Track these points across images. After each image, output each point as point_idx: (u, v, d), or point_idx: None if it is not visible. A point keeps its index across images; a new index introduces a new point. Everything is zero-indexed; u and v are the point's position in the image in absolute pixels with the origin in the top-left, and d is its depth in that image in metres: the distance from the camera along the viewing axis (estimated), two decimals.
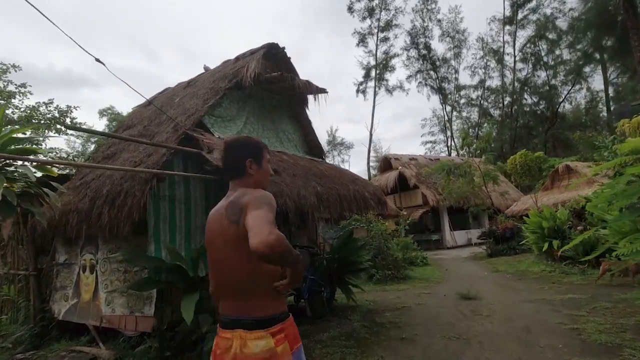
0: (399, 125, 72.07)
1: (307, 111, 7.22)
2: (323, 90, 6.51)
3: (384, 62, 36.57)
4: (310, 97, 6.92)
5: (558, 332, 4.32)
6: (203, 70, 7.70)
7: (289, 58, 6.63)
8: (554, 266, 8.95)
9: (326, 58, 67.58)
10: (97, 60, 2.96)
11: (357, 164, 79.90)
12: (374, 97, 36.21)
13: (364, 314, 5.91)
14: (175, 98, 6.73)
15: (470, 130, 32.92)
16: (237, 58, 6.64)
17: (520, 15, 34.57)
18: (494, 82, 37.73)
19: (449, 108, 39.23)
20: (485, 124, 32.51)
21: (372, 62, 36.71)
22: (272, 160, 1.88)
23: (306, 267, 6.06)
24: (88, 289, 5.19)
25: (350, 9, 35.69)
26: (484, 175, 14.31)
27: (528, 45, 34.73)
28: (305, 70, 71.19)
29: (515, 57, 35.03)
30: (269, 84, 6.12)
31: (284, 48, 6.49)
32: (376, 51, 36.45)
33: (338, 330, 5.02)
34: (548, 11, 32.72)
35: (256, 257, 1.17)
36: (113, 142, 6.42)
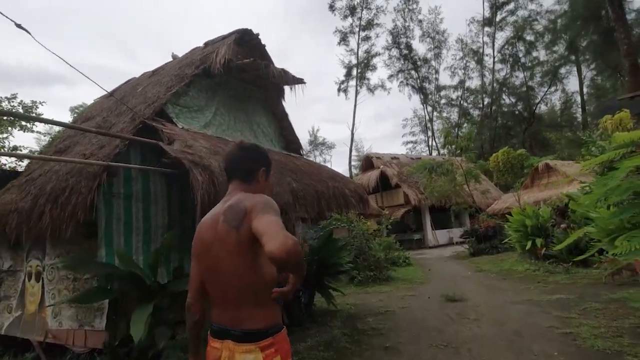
0: (381, 126, 72.43)
1: (283, 103, 6.77)
2: (300, 81, 6.08)
3: (366, 60, 36.44)
4: (287, 89, 6.47)
5: (551, 337, 4.02)
6: (171, 59, 7.14)
7: (264, 46, 6.17)
8: (538, 265, 8.79)
9: (309, 59, 67.32)
10: (19, 26, 2.43)
11: (339, 164, 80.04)
12: (356, 96, 36.06)
13: (345, 320, 5.50)
14: (138, 88, 6.16)
15: (451, 130, 33.11)
16: (206, 44, 6.11)
17: (499, 17, 35.10)
18: (474, 82, 38.25)
19: (429, 108, 39.54)
20: (466, 124, 32.75)
21: (354, 61, 36.57)
22: None
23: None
24: (33, 300, 4.59)
25: (331, 7, 35.45)
26: (466, 174, 14.17)
27: (506, 47, 35.30)
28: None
29: (494, 58, 35.54)
30: (241, 71, 5.63)
31: (258, 35, 6.02)
32: (357, 50, 36.33)
33: (317, 339, 4.59)
34: (526, 13, 33.38)
35: (272, 263, 1.12)
36: (68, 135, 5.80)
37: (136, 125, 4.22)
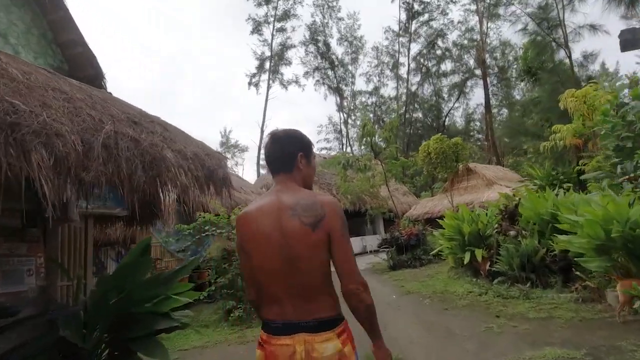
0: None
1: None
2: None
3: (280, 53, 33.66)
4: None
5: None
6: None
7: None
8: (482, 285, 6.61)
9: (225, 58, 62.77)
10: None
11: (251, 170, 76.03)
12: (267, 91, 32.97)
13: None
14: None
15: (370, 119, 31.82)
16: None
17: (413, 27, 35.37)
18: (388, 90, 38.12)
19: (345, 112, 38.27)
20: (393, 115, 31.67)
21: (267, 53, 33.52)
22: None
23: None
24: None
25: None
26: (387, 171, 12.00)
27: (419, 57, 35.74)
28: (203, 71, 64.81)
29: (409, 67, 35.66)
30: None
31: None
32: (272, 41, 33.36)
33: None
34: (437, 25, 34.05)
35: (345, 299, 1.28)
36: None
37: None
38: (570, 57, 14.00)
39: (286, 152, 1.44)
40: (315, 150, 1.61)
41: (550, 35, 14.04)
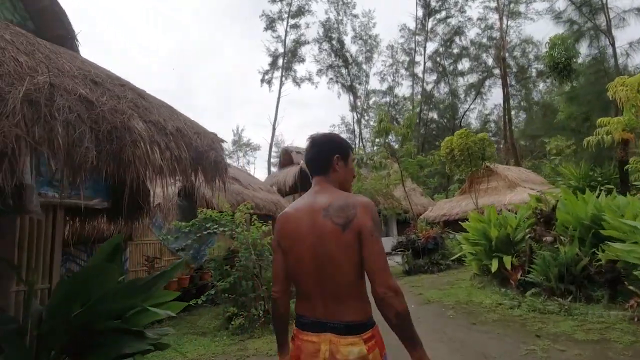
0: (307, 134, 70.13)
1: None
2: None
3: (293, 50, 33.14)
4: None
5: None
6: None
7: None
8: (513, 297, 5.89)
9: (239, 58, 62.72)
10: None
11: (262, 169, 75.72)
12: (280, 88, 32.51)
13: None
14: None
15: (387, 114, 31.11)
16: None
17: (430, 25, 34.45)
18: (403, 90, 37.26)
19: (358, 111, 37.53)
20: (411, 107, 30.68)
21: (281, 49, 33.05)
22: None
23: None
24: None
25: None
26: (403, 170, 11.25)
27: (435, 57, 34.80)
28: (218, 70, 64.89)
29: (424, 65, 34.75)
30: None
31: None
32: (285, 38, 32.89)
33: None
34: (455, 22, 33.09)
35: (375, 302, 1.23)
36: None
37: None
38: (613, 44, 13.02)
39: (323, 155, 1.47)
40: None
41: (592, 20, 13.04)
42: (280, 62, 33.16)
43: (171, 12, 58.16)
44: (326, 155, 1.47)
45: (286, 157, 19.85)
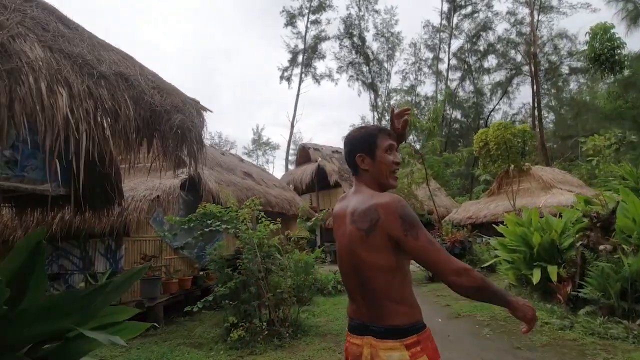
0: (326, 134, 70.01)
1: None
2: None
3: (313, 46, 32.52)
4: None
5: None
6: None
7: None
8: (563, 315, 4.99)
9: (258, 60, 62.84)
10: None
11: (281, 166, 75.86)
12: (299, 84, 31.94)
13: None
14: None
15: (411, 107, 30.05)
16: None
17: (455, 20, 33.18)
18: (425, 89, 36.10)
19: (379, 110, 36.52)
20: (439, 96, 29.45)
21: (300, 46, 32.48)
22: None
23: None
24: None
25: None
26: (428, 167, 10.34)
27: (459, 54, 33.49)
28: (240, 70, 65.22)
29: (449, 63, 33.53)
30: None
31: None
32: (305, 34, 32.32)
33: None
34: (482, 17, 31.72)
35: (457, 291, 1.17)
36: None
37: None
38: None
39: (348, 157, 1.46)
40: None
41: None
42: (299, 58, 32.66)
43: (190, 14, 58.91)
44: (350, 158, 1.45)
45: (303, 154, 19.20)
